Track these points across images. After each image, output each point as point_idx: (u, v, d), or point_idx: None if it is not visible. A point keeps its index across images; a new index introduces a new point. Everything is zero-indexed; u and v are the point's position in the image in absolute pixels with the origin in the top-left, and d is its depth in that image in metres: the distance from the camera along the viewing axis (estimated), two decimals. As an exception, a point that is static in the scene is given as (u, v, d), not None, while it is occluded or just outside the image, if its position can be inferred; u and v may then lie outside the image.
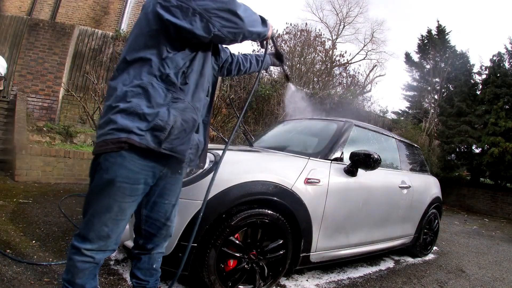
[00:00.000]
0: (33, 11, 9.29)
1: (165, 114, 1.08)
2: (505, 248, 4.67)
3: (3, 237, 2.21)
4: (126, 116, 1.07)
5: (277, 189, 1.86)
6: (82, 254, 1.12)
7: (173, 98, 1.11)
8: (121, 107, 1.08)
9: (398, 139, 3.40)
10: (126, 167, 1.09)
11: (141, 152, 1.10)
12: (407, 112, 14.26)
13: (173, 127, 1.09)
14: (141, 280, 1.36)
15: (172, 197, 1.32)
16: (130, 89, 1.09)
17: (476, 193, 10.07)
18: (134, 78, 1.10)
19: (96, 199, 1.12)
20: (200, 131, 1.27)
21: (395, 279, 2.65)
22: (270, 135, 3.24)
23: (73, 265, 1.13)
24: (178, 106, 1.12)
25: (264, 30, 1.30)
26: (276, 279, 2.00)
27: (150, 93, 1.08)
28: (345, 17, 17.64)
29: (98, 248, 1.13)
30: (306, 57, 10.64)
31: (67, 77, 6.71)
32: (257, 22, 1.25)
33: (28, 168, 4.31)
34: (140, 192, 1.16)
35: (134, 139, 1.06)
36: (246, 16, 1.15)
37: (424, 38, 13.46)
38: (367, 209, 2.50)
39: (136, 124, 1.06)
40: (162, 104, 1.09)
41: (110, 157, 1.09)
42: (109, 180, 1.09)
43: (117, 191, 1.10)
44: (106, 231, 1.12)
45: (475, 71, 11.45)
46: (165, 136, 1.08)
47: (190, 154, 1.21)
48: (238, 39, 1.18)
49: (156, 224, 1.31)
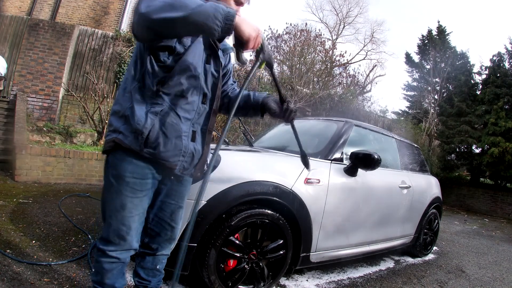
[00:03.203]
0: (33, 11, 9.29)
1: (142, 118, 1.10)
2: (505, 248, 4.67)
3: (3, 237, 2.21)
4: (118, 119, 1.15)
5: (277, 189, 1.86)
6: (108, 256, 1.17)
7: (152, 103, 1.13)
8: (114, 110, 1.18)
9: (398, 139, 3.39)
10: (132, 162, 1.13)
11: (135, 153, 1.13)
12: (407, 112, 14.24)
13: (151, 131, 1.10)
14: (143, 279, 1.37)
15: (179, 198, 1.32)
16: (122, 92, 1.18)
17: (476, 193, 10.07)
18: (125, 82, 1.19)
19: (109, 198, 1.17)
20: (197, 139, 1.23)
21: (395, 279, 2.65)
22: (270, 135, 3.24)
23: (101, 267, 1.18)
24: (155, 110, 1.12)
25: (200, 10, 0.94)
26: (276, 279, 2.00)
27: (134, 97, 1.13)
28: (345, 17, 17.65)
29: (121, 248, 1.18)
30: (306, 57, 10.63)
31: (67, 77, 6.71)
32: (170, 5, 0.95)
33: (28, 168, 4.31)
34: (149, 186, 1.19)
35: (122, 140, 1.12)
36: (148, 5, 0.97)
37: (424, 38, 13.45)
38: (367, 209, 2.50)
39: (124, 125, 1.13)
40: (141, 108, 1.12)
41: (116, 153, 1.15)
42: (117, 176, 1.14)
43: (127, 187, 1.14)
44: (124, 229, 1.16)
45: (475, 71, 11.47)
46: (143, 139, 1.10)
47: (183, 162, 1.19)
48: (152, 34, 1.02)
49: (161, 224, 1.32)
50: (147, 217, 1.33)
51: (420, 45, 13.64)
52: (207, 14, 0.94)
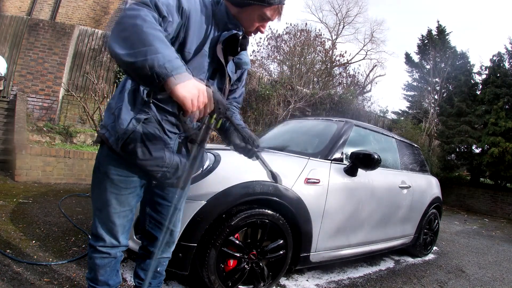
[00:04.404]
0: (33, 11, 9.29)
1: (126, 122, 1.05)
2: (505, 248, 4.67)
3: (3, 237, 2.21)
4: (109, 115, 1.13)
5: (277, 189, 1.86)
6: (98, 251, 1.17)
7: (140, 110, 1.08)
8: (109, 104, 1.16)
9: (398, 139, 3.40)
10: (117, 160, 1.11)
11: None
12: (407, 112, 14.25)
13: (130, 138, 1.05)
14: (143, 281, 1.36)
15: (175, 200, 1.28)
16: (120, 89, 1.15)
17: (476, 193, 10.07)
18: (126, 79, 1.15)
19: (96, 193, 1.16)
20: (184, 152, 1.17)
21: (395, 279, 2.65)
22: (270, 135, 3.24)
23: (93, 263, 1.18)
24: (140, 117, 1.07)
25: (132, 60, 0.83)
26: (276, 279, 2.00)
27: (126, 98, 1.09)
28: (345, 17, 17.63)
29: (111, 244, 1.17)
30: (306, 57, 10.64)
31: (67, 77, 6.71)
32: (126, 39, 0.85)
33: (28, 168, 4.31)
34: (136, 184, 1.16)
35: (107, 138, 1.10)
36: (118, 22, 0.87)
37: (424, 38, 13.45)
38: (367, 209, 2.50)
39: (111, 124, 1.10)
40: (129, 112, 1.07)
41: (103, 150, 1.14)
42: (103, 172, 1.13)
43: (112, 184, 1.12)
44: (111, 225, 1.15)
45: (475, 71, 11.47)
46: (122, 142, 1.05)
47: (166, 173, 1.14)
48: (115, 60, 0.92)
49: (158, 227, 1.29)
50: (144, 219, 1.31)
51: (420, 45, 13.64)
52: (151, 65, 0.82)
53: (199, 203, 1.65)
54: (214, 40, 1.12)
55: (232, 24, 1.12)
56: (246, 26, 1.14)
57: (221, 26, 1.13)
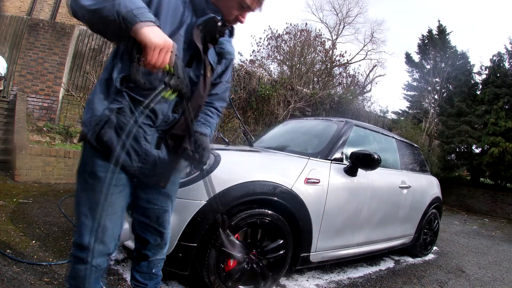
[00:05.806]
0: (33, 11, 9.28)
1: (98, 112, 1.03)
2: (505, 248, 4.67)
3: (3, 237, 2.21)
4: (87, 110, 1.07)
5: (277, 189, 1.86)
6: (84, 263, 1.08)
7: (113, 99, 1.04)
8: (87, 99, 1.10)
9: (398, 139, 3.40)
10: (102, 156, 1.06)
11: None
12: (407, 112, 14.25)
13: (103, 128, 1.02)
14: (140, 283, 1.35)
15: (163, 202, 1.24)
16: (98, 82, 1.09)
17: (476, 193, 10.07)
18: (104, 70, 1.10)
19: (83, 196, 1.08)
20: (163, 147, 1.12)
21: (395, 279, 2.65)
22: (270, 135, 3.24)
23: (77, 275, 1.10)
24: (112, 107, 1.03)
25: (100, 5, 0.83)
26: (276, 279, 2.00)
27: (98, 88, 1.06)
28: (345, 17, 17.61)
29: (99, 253, 1.09)
30: (306, 57, 10.65)
31: (67, 77, 6.70)
32: None
33: (28, 168, 4.31)
34: (124, 181, 1.11)
35: (86, 133, 1.05)
36: None
37: (424, 38, 13.45)
38: (367, 209, 2.50)
39: (88, 117, 1.05)
40: (102, 102, 1.04)
41: (86, 148, 1.08)
42: (89, 171, 1.07)
43: (100, 183, 1.06)
44: (102, 231, 1.07)
45: (475, 71, 11.47)
46: (96, 133, 1.02)
47: (143, 169, 1.10)
48: (80, 19, 0.91)
49: (148, 230, 1.26)
50: (133, 223, 1.28)
51: (420, 45, 13.64)
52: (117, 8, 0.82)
53: (199, 203, 1.65)
54: (191, 26, 1.07)
55: (210, 10, 1.08)
56: (225, 14, 1.10)
57: (199, 13, 1.09)
